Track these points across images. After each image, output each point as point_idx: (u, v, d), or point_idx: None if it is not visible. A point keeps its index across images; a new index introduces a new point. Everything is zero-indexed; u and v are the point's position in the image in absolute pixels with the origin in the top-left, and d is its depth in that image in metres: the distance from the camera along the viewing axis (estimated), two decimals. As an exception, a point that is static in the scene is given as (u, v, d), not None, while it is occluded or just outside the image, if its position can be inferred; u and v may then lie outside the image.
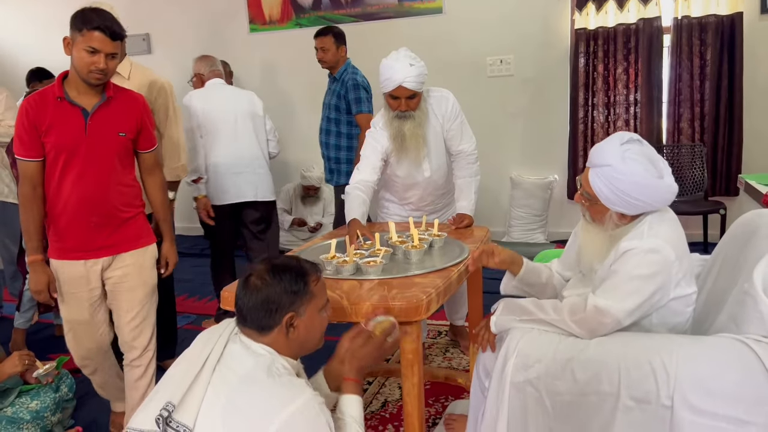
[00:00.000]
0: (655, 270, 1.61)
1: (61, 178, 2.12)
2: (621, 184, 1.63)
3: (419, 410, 1.84)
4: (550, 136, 4.90)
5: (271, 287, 1.43)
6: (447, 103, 2.67)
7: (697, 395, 1.49)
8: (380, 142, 2.61)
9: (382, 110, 2.65)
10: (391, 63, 2.49)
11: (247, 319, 1.45)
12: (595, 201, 1.71)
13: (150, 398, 1.43)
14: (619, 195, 1.65)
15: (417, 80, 2.47)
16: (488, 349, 1.87)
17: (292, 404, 1.30)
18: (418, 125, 2.57)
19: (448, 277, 1.96)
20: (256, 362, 1.38)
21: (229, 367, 1.37)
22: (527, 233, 4.91)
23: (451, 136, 2.70)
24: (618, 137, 1.69)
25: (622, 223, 1.71)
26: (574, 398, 1.60)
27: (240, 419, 1.29)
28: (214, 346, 1.42)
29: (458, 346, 3.13)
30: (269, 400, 1.31)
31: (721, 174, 4.49)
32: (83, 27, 2.01)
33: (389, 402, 2.64)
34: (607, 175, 1.65)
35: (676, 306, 1.69)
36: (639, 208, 1.67)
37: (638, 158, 1.65)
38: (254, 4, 5.41)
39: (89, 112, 2.11)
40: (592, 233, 1.78)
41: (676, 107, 4.52)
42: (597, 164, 1.69)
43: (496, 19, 4.83)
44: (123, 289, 2.27)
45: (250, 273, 1.47)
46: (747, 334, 1.56)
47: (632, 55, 4.54)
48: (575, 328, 1.66)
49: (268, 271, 1.45)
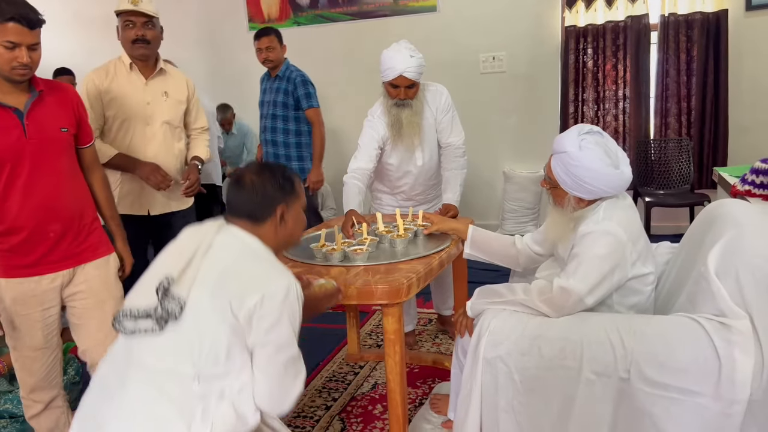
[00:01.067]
0: (609, 250, 1.75)
1: (7, 190, 1.87)
2: (575, 169, 1.78)
3: (401, 386, 1.98)
4: (542, 131, 5.01)
5: (267, 182, 1.56)
6: (441, 97, 2.83)
7: (651, 368, 1.63)
8: (378, 131, 2.75)
9: (381, 99, 2.80)
10: (392, 54, 2.64)
11: (240, 212, 1.56)
12: (555, 185, 1.87)
13: (142, 280, 1.51)
14: (575, 180, 1.79)
15: (416, 71, 2.63)
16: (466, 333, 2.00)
17: (278, 282, 1.43)
18: (415, 113, 2.72)
19: (429, 263, 2.09)
20: (246, 247, 1.51)
21: (220, 251, 1.47)
22: (520, 225, 5.03)
23: (442, 128, 2.83)
24: (578, 128, 1.84)
25: (579, 207, 1.86)
26: (540, 372, 1.74)
27: (226, 291, 1.40)
28: (204, 237, 1.50)
29: (447, 333, 3.27)
30: (256, 276, 1.44)
31: (706, 167, 4.60)
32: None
33: (378, 384, 2.78)
34: (564, 161, 1.80)
35: (635, 285, 1.83)
36: (594, 194, 1.81)
37: (593, 147, 1.79)
38: (253, 3, 5.53)
39: (23, 112, 1.88)
40: (555, 216, 1.93)
41: (664, 102, 4.63)
42: (556, 151, 1.84)
43: (488, 17, 4.94)
44: (90, 305, 2.06)
45: (242, 173, 1.59)
46: (700, 312, 1.69)
47: (621, 51, 4.65)
48: (543, 307, 1.79)
49: (261, 170, 1.60)
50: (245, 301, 1.37)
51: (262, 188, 1.56)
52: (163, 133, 2.71)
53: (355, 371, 2.92)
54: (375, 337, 3.32)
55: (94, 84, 2.63)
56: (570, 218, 1.86)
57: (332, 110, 5.51)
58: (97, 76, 2.65)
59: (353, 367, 2.96)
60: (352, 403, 2.63)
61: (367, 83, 5.32)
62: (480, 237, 2.27)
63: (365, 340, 3.27)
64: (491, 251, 2.26)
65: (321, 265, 2.11)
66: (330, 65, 5.46)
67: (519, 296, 1.84)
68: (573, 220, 1.86)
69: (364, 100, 5.32)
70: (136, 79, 2.68)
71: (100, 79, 2.64)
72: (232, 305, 1.38)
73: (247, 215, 1.55)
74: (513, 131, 5.12)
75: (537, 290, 1.81)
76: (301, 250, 2.27)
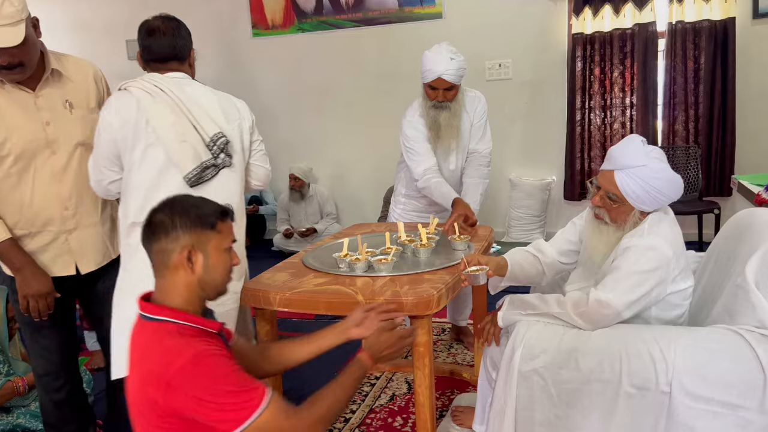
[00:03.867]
0: (654, 266, 1.70)
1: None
2: (656, 182, 1.73)
3: (430, 400, 1.94)
4: (548, 138, 5.00)
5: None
6: (479, 102, 2.84)
7: (693, 382, 1.60)
8: (420, 129, 2.73)
9: (419, 99, 2.77)
10: (432, 55, 2.61)
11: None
12: (622, 202, 1.78)
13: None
14: (652, 193, 1.74)
15: (456, 73, 2.60)
16: (493, 343, 1.96)
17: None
18: (453, 116, 2.70)
19: (456, 273, 2.05)
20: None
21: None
22: (526, 233, 5.01)
23: (473, 133, 2.82)
24: (636, 140, 1.78)
25: (641, 220, 1.79)
26: (578, 386, 1.70)
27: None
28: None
29: (462, 343, 3.23)
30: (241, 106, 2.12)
31: (714, 175, 4.60)
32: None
33: (397, 396, 2.73)
34: (642, 175, 1.73)
35: (674, 299, 1.79)
36: (660, 203, 1.78)
37: (661, 157, 1.77)
38: (257, 9, 5.50)
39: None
40: (605, 234, 1.84)
41: (671, 110, 4.63)
42: (627, 166, 1.75)
43: (494, 24, 4.93)
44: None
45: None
46: (740, 324, 1.67)
47: (628, 59, 4.65)
48: (578, 320, 1.75)
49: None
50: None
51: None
52: (78, 162, 1.99)
53: (371, 382, 2.87)
54: (389, 347, 3.27)
55: None
56: (619, 234, 1.81)
57: (336, 116, 5.49)
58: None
59: (369, 378, 2.91)
60: (371, 415, 2.59)
61: (372, 90, 5.32)
62: (516, 268, 2.07)
63: (379, 350, 3.22)
64: (524, 276, 2.09)
65: (345, 275, 2.07)
66: (334, 72, 5.43)
67: (553, 309, 1.80)
68: (619, 234, 1.81)
69: (370, 107, 5.35)
70: (18, 94, 1.91)
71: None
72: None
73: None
74: (519, 138, 5.10)
75: (572, 303, 1.77)
76: (324, 259, 2.23)
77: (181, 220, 1.32)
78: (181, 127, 1.87)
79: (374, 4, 5.19)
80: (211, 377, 1.22)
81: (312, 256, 2.29)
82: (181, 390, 1.22)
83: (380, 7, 5.18)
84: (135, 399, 1.30)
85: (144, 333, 1.32)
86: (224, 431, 1.24)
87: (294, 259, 2.31)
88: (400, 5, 5.13)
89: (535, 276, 2.09)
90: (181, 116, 1.87)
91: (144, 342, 1.30)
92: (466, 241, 2.32)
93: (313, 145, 5.62)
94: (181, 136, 1.86)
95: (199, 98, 1.93)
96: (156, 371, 1.23)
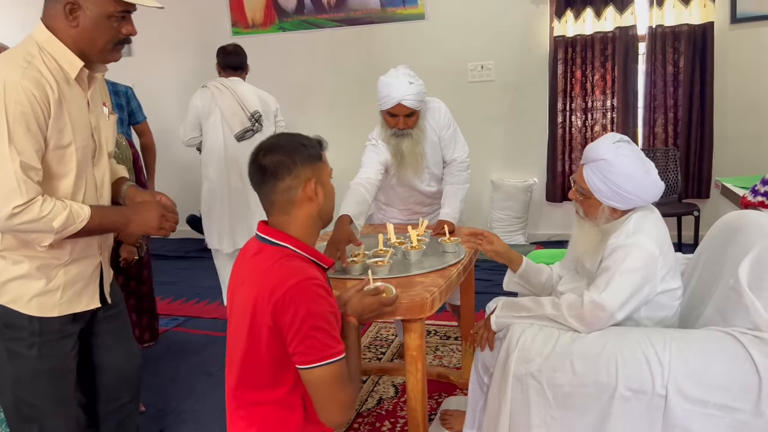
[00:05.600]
0: (641, 264, 1.72)
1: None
2: (615, 177, 1.74)
3: (422, 405, 1.92)
4: (530, 140, 5.02)
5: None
6: (440, 113, 2.69)
7: (689, 385, 1.59)
8: (382, 153, 2.60)
9: (378, 128, 2.64)
10: (390, 80, 2.47)
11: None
12: (589, 195, 1.82)
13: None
14: (613, 188, 1.76)
15: (416, 98, 2.47)
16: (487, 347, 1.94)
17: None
18: (416, 143, 2.56)
19: (449, 276, 2.03)
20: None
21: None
22: (508, 235, 5.02)
23: (444, 145, 2.71)
24: (610, 137, 1.82)
25: (613, 217, 1.82)
26: (573, 389, 1.69)
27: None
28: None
29: (447, 345, 3.20)
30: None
31: (693, 177, 4.66)
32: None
33: (384, 399, 2.70)
34: (601, 168, 1.76)
35: (663, 300, 1.79)
36: (630, 202, 1.78)
37: (630, 154, 1.78)
38: (237, 8, 5.43)
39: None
40: (585, 228, 1.89)
41: (651, 113, 4.68)
42: (592, 159, 1.80)
43: (477, 25, 4.93)
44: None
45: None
46: (733, 326, 1.67)
47: (609, 62, 4.68)
48: (573, 322, 1.74)
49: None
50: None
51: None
52: (109, 177, 1.77)
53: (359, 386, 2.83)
54: (374, 349, 3.24)
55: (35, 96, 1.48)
56: (599, 230, 1.83)
57: (318, 118, 5.44)
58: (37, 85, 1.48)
59: (355, 381, 2.88)
60: (358, 419, 2.55)
61: (354, 91, 5.28)
62: (532, 269, 2.08)
63: (364, 352, 3.19)
64: (538, 283, 2.09)
65: (336, 278, 2.03)
66: (316, 72, 5.39)
67: (548, 311, 1.79)
68: (602, 232, 1.82)
69: (351, 107, 5.31)
70: (78, 91, 1.60)
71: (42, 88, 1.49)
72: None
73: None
74: (501, 140, 5.11)
75: (566, 305, 1.76)
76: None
77: (299, 158, 1.45)
78: (234, 107, 3.50)
79: (356, 4, 5.16)
80: (309, 305, 1.33)
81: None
82: (286, 306, 1.33)
83: (362, 7, 5.15)
84: (242, 310, 1.41)
85: (263, 254, 1.44)
86: (294, 362, 1.36)
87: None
88: (382, 5, 5.11)
89: (546, 288, 2.10)
90: (234, 101, 3.50)
91: (263, 261, 1.42)
92: (456, 243, 2.30)
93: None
94: (233, 112, 3.50)
95: (246, 91, 3.57)
96: (272, 285, 1.35)
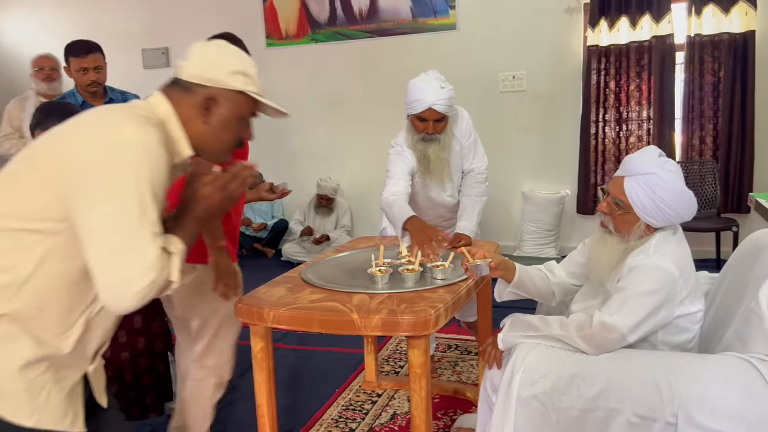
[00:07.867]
0: (659, 286, 1.63)
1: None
2: (663, 192, 1.67)
3: (427, 423, 1.87)
4: (562, 151, 4.92)
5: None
6: (462, 121, 2.65)
7: (701, 413, 1.51)
8: (408, 159, 2.56)
9: (404, 132, 2.60)
10: (421, 84, 2.44)
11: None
12: (628, 210, 1.73)
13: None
14: (657, 203, 1.68)
15: (447, 103, 2.44)
16: (494, 365, 1.89)
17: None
18: (442, 148, 2.53)
19: (457, 292, 1.98)
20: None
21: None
22: (538, 248, 4.92)
23: (465, 153, 2.66)
24: (653, 149, 1.74)
25: (647, 234, 1.74)
26: (580, 413, 1.62)
27: None
28: None
29: (467, 360, 3.14)
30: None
31: (733, 191, 4.48)
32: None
33: (398, 414, 2.66)
34: (650, 182, 1.68)
35: (682, 323, 1.71)
36: (668, 219, 1.71)
37: (675, 170, 1.71)
38: (271, 20, 5.50)
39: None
40: (609, 244, 1.79)
41: (689, 124, 4.53)
42: (637, 173, 1.71)
43: (509, 35, 4.87)
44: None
45: None
46: (752, 352, 1.58)
47: (645, 72, 4.56)
48: (582, 343, 1.68)
49: None
50: None
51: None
52: None
53: (373, 400, 2.80)
54: (393, 363, 3.21)
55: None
56: (625, 247, 1.74)
57: (349, 127, 5.46)
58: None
59: (370, 395, 2.85)
60: (371, 434, 2.52)
61: (386, 101, 5.27)
62: (525, 276, 2.01)
63: (382, 366, 3.16)
64: (533, 288, 2.03)
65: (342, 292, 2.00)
66: (348, 83, 5.41)
67: (555, 331, 1.72)
68: (625, 249, 1.74)
69: (383, 117, 5.30)
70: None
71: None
72: None
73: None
74: (532, 151, 5.03)
75: (575, 325, 1.69)
76: (322, 274, 2.17)
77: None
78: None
79: (388, 15, 5.17)
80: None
81: (311, 271, 2.24)
82: None
83: (394, 17, 5.16)
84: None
85: None
86: None
87: (293, 273, 2.26)
88: (413, 16, 5.10)
89: (545, 292, 2.03)
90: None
91: None
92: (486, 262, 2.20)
93: (326, 155, 5.60)
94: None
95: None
96: None
